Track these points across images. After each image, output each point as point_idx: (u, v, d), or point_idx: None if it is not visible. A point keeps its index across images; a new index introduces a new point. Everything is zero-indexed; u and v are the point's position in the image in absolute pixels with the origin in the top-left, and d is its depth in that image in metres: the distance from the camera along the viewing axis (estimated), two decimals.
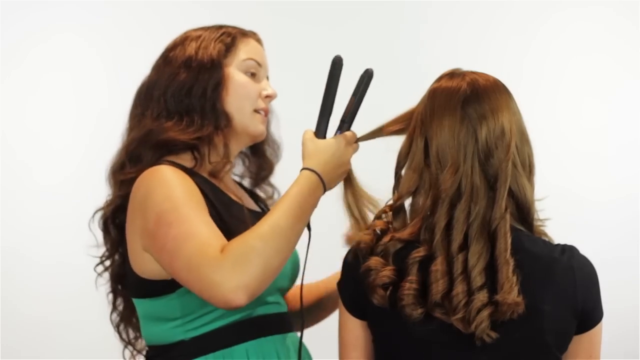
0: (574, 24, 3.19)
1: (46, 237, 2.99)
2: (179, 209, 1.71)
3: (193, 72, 1.88)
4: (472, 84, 1.65)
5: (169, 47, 1.94)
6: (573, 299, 1.59)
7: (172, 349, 1.81)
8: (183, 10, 3.06)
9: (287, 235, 1.67)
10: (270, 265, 1.64)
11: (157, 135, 1.84)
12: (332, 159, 1.78)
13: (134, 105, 1.93)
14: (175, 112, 1.87)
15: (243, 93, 1.90)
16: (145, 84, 1.92)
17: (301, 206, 1.71)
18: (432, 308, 1.57)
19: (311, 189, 1.74)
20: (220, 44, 1.90)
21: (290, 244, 1.69)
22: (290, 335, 1.90)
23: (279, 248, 1.66)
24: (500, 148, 1.61)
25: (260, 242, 1.64)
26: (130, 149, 1.86)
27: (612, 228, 3.14)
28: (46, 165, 3.03)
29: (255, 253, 1.63)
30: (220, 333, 1.80)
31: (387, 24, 3.21)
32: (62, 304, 2.99)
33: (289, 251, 1.69)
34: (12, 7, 3.02)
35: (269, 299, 1.86)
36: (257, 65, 1.93)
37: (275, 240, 1.66)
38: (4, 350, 2.95)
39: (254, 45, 1.95)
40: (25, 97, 3.04)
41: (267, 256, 1.64)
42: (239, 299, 1.61)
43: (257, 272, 1.62)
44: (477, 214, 1.58)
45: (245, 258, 1.62)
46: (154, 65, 1.94)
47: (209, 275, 1.62)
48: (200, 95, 1.87)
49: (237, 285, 1.61)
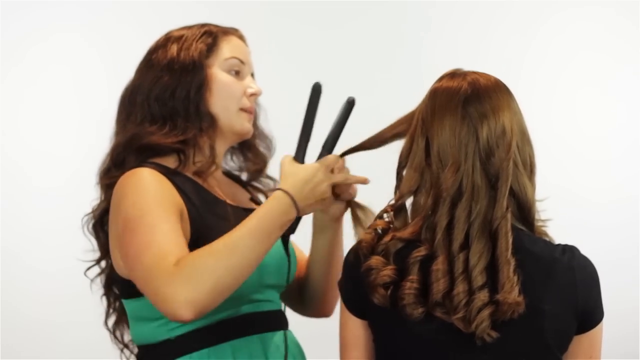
0: (574, 24, 3.19)
1: (46, 238, 2.99)
2: (145, 216, 1.71)
3: (175, 75, 1.87)
4: (473, 84, 1.65)
5: (151, 49, 1.93)
6: (573, 299, 1.59)
7: (158, 348, 1.81)
8: (183, 9, 3.06)
9: (243, 255, 1.66)
10: (222, 283, 1.64)
11: (140, 139, 1.84)
12: (308, 184, 1.76)
13: (118, 110, 1.92)
14: (159, 116, 1.87)
15: (227, 93, 1.90)
16: (129, 88, 1.92)
17: (266, 228, 1.70)
18: (432, 307, 1.57)
19: (281, 210, 1.72)
20: (201, 44, 1.89)
21: (247, 263, 1.67)
22: (280, 333, 1.89)
23: (232, 266, 1.65)
24: (501, 147, 1.61)
25: (212, 259, 1.64)
26: (115, 153, 1.86)
27: (613, 229, 3.14)
28: (45, 167, 3.03)
29: (205, 269, 1.63)
30: (206, 331, 1.79)
31: (387, 25, 3.21)
32: (61, 306, 2.99)
33: (245, 269, 1.67)
34: (12, 7, 3.01)
35: (256, 297, 1.85)
36: (240, 63, 1.92)
37: (229, 258, 1.65)
38: (3, 350, 2.95)
39: (236, 43, 1.94)
40: (23, 98, 3.03)
41: (218, 274, 1.63)
42: (186, 314, 1.62)
43: (206, 289, 1.62)
44: (478, 213, 1.58)
45: (196, 274, 1.62)
46: (137, 69, 1.93)
47: (161, 288, 1.63)
48: (183, 98, 1.86)
49: (185, 300, 1.61)
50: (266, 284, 1.87)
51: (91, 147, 2.99)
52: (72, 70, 3.06)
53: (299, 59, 3.08)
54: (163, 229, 1.70)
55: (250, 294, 1.83)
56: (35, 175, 3.02)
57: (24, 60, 3.03)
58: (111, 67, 3.04)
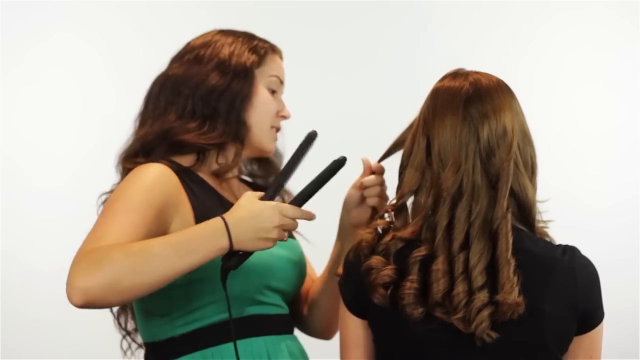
0: (574, 25, 3.19)
1: (45, 239, 2.99)
2: (118, 203, 1.71)
3: (226, 78, 1.88)
4: (475, 84, 1.65)
5: (199, 44, 1.92)
6: (574, 300, 1.59)
7: (163, 345, 1.81)
8: (183, 10, 3.06)
9: (154, 263, 1.61)
10: (121, 281, 1.59)
11: (176, 134, 1.85)
12: (252, 220, 1.68)
13: (156, 95, 1.90)
14: (201, 115, 1.87)
15: (265, 109, 1.91)
16: (171, 77, 1.90)
17: (188, 244, 1.64)
18: (432, 307, 1.57)
19: (210, 233, 1.66)
20: (254, 55, 1.91)
21: (155, 271, 1.61)
22: (286, 337, 1.89)
23: (139, 269, 1.60)
24: (502, 147, 1.61)
25: (121, 255, 1.61)
26: (147, 140, 1.86)
27: (613, 231, 3.14)
28: (45, 167, 3.03)
29: (110, 263, 1.59)
30: (210, 330, 1.79)
31: (387, 25, 3.21)
32: (61, 306, 2.98)
33: (152, 277, 1.61)
34: (13, 7, 3.01)
35: (263, 299, 1.85)
36: (279, 83, 1.95)
37: (138, 260, 1.61)
38: (2, 351, 2.95)
39: (279, 63, 1.97)
40: (22, 98, 3.03)
41: (121, 272, 1.59)
42: (75, 299, 1.59)
43: (102, 281, 1.59)
44: (479, 213, 1.58)
45: (99, 264, 1.59)
46: (181, 59, 1.92)
47: (70, 268, 1.61)
48: (229, 103, 1.87)
49: (77, 286, 1.58)
50: (271, 287, 1.86)
51: (91, 147, 3.00)
52: (73, 71, 3.06)
53: (299, 60, 3.08)
54: (124, 219, 1.68)
55: (253, 295, 1.83)
56: (35, 175, 3.02)
57: (23, 60, 3.03)
58: (112, 68, 3.04)
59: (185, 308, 1.79)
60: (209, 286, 1.78)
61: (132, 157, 1.87)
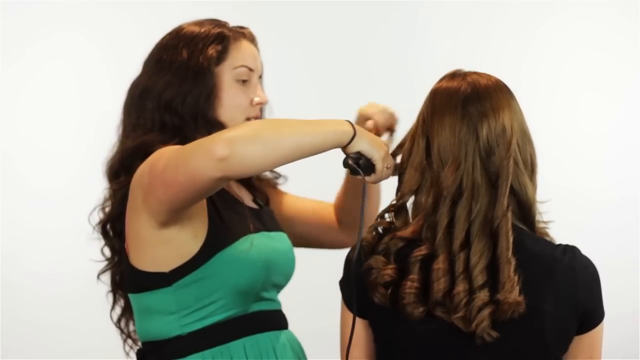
0: (574, 24, 3.19)
1: (45, 240, 2.99)
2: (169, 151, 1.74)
3: (186, 82, 1.87)
4: (473, 84, 1.65)
5: (162, 45, 1.92)
6: (574, 299, 1.59)
7: (169, 344, 1.81)
8: (183, 7, 3.06)
9: (291, 126, 1.65)
10: (264, 132, 1.63)
11: (150, 146, 1.84)
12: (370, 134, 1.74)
13: (126, 110, 1.92)
14: (170, 126, 1.87)
15: (234, 104, 1.90)
16: (138, 88, 1.91)
17: (317, 121, 1.67)
18: (433, 307, 1.57)
19: (336, 120, 1.68)
20: (212, 51, 1.89)
21: (290, 132, 1.65)
22: (284, 332, 1.90)
23: (277, 125, 1.64)
24: (502, 146, 1.61)
25: (258, 122, 1.72)
26: (124, 156, 1.86)
27: (613, 231, 3.14)
28: (44, 168, 3.03)
29: (250, 124, 1.69)
30: (218, 328, 1.80)
31: (387, 25, 3.21)
32: (61, 308, 2.99)
33: (290, 135, 1.64)
34: (12, 5, 3.01)
35: (265, 295, 1.86)
36: (248, 71, 1.92)
37: (275, 122, 1.66)
38: (2, 352, 2.95)
39: (246, 49, 1.93)
40: (22, 97, 3.03)
41: (262, 126, 1.66)
42: (221, 149, 1.61)
43: (246, 131, 1.63)
44: (479, 211, 1.58)
45: (241, 125, 1.69)
46: (147, 64, 1.93)
47: (204, 140, 1.65)
48: (192, 106, 1.87)
49: (224, 137, 1.62)
50: (273, 283, 1.88)
51: (91, 148, 3.00)
52: (72, 69, 3.06)
53: (299, 59, 3.08)
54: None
55: (259, 292, 1.84)
56: (34, 176, 3.02)
57: (23, 58, 3.03)
58: (112, 66, 3.04)
59: (192, 306, 1.79)
60: (217, 283, 1.79)
61: (115, 176, 1.88)
